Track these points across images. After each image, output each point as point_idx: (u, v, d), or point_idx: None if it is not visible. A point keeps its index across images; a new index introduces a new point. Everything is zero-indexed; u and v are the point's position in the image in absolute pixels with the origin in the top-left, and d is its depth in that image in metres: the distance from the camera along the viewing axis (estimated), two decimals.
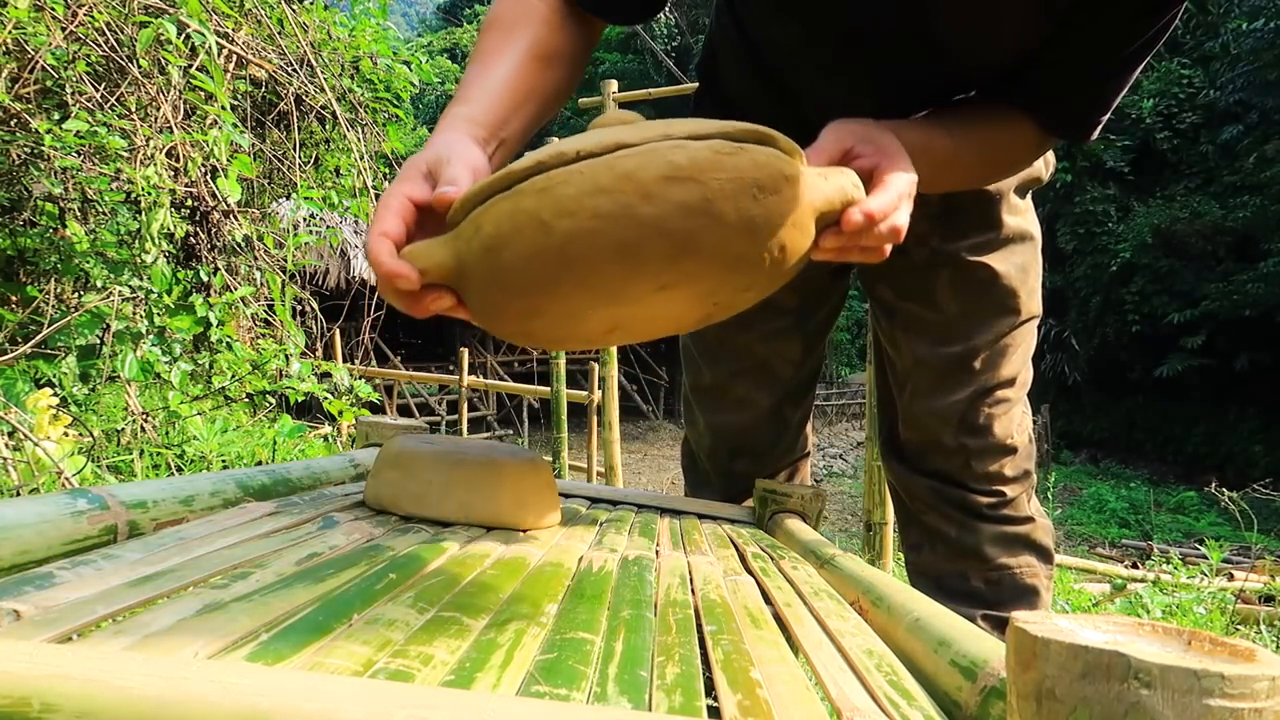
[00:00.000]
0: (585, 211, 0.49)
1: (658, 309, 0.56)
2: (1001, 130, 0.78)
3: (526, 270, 0.51)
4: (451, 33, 23.33)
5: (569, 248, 0.50)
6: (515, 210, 0.50)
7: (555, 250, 0.50)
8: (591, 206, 0.49)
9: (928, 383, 0.98)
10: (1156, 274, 10.96)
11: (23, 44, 1.83)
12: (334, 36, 2.90)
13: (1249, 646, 0.25)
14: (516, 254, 0.51)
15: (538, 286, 0.52)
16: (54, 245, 2.13)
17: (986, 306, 0.95)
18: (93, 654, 0.26)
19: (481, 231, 0.52)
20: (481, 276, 0.53)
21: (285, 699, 0.24)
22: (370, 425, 1.02)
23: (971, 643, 0.39)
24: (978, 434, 0.96)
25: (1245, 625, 2.63)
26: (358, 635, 0.37)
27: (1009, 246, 0.94)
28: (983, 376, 0.96)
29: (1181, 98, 11.41)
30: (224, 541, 0.53)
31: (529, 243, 0.50)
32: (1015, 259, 0.95)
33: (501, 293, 0.53)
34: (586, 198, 0.49)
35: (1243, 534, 5.12)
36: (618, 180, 0.48)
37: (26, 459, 1.47)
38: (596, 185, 0.49)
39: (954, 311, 0.95)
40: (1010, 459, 0.96)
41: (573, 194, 0.49)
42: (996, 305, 0.95)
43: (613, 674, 0.36)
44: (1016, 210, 0.95)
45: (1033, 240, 0.98)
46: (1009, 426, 0.96)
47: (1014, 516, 0.98)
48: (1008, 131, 0.78)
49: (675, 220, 0.49)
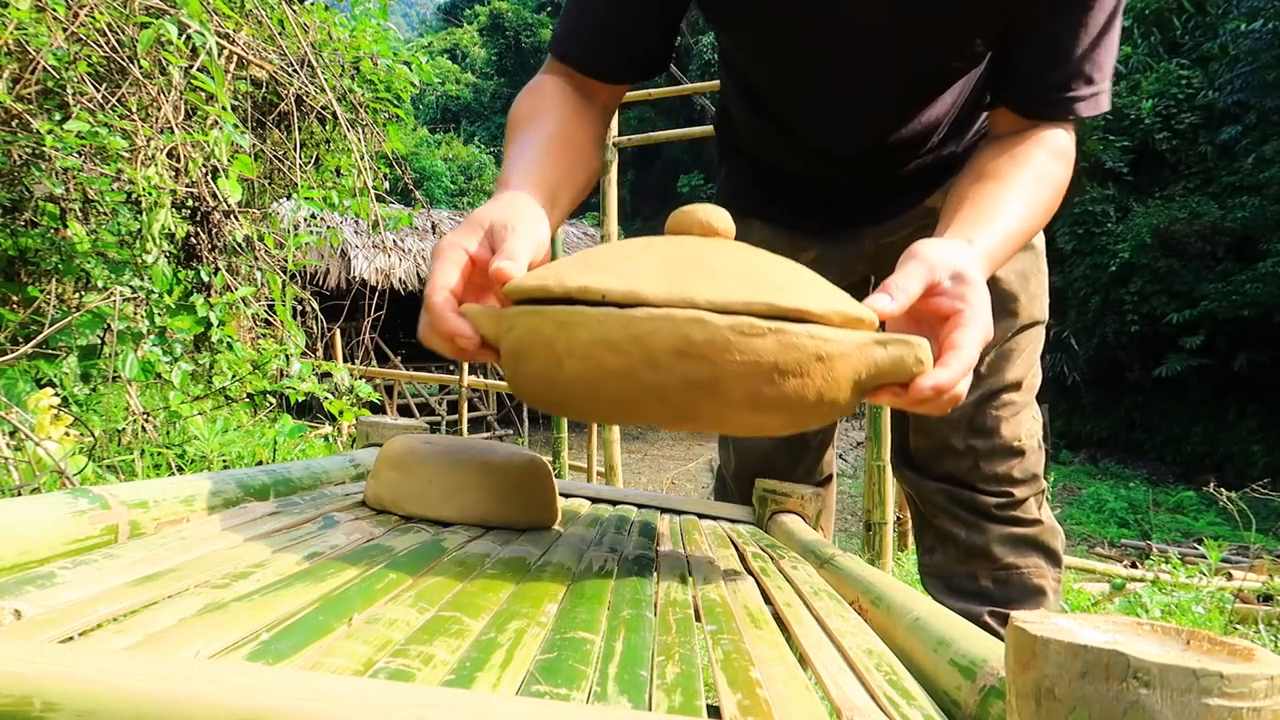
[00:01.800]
0: (592, 361, 0.49)
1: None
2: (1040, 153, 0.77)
3: (537, 388, 0.53)
4: (452, 33, 23.32)
5: (574, 387, 0.50)
6: (536, 332, 0.51)
7: (561, 384, 0.51)
8: (599, 358, 0.48)
9: None
10: (1155, 274, 10.95)
11: (24, 45, 1.83)
12: (334, 37, 2.90)
13: (1248, 646, 0.25)
14: (531, 371, 0.52)
15: (546, 402, 0.54)
16: (55, 245, 2.13)
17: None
18: (94, 653, 0.26)
19: (510, 334, 0.53)
20: (508, 367, 0.55)
21: (286, 698, 0.24)
22: (370, 425, 1.02)
23: (971, 642, 0.40)
24: (985, 436, 0.98)
25: (1244, 625, 2.63)
26: (358, 635, 0.37)
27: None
28: (989, 380, 0.98)
29: (1180, 98, 11.40)
30: (225, 541, 0.53)
31: (541, 366, 0.51)
32: (1014, 265, 0.98)
33: (519, 390, 0.55)
34: (596, 348, 0.48)
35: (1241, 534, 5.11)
36: (628, 341, 0.48)
37: (28, 459, 1.47)
38: (607, 340, 0.48)
39: None
40: (1018, 461, 0.98)
41: (585, 340, 0.49)
42: (997, 310, 0.96)
43: (613, 674, 0.36)
44: None
45: (1033, 247, 1.00)
46: (1016, 429, 0.98)
47: (1022, 518, 0.99)
48: (1045, 151, 0.78)
49: (677, 392, 0.49)
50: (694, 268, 0.50)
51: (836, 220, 1.03)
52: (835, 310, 0.50)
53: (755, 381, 0.48)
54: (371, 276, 8.00)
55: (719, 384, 0.48)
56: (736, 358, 0.47)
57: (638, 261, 0.51)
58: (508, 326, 0.53)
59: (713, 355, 0.47)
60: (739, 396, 0.48)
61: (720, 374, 0.47)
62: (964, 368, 0.55)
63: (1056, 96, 0.77)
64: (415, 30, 33.98)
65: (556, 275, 0.51)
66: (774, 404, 0.49)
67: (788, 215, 1.05)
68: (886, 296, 0.58)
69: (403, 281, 8.51)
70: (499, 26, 22.20)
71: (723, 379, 0.48)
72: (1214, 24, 11.36)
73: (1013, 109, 0.80)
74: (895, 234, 1.01)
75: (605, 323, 0.48)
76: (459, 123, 20.92)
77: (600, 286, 0.49)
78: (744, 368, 0.47)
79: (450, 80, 20.73)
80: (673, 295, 0.48)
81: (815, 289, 0.52)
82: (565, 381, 0.50)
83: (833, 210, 1.03)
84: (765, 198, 1.06)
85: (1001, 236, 0.70)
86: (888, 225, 1.01)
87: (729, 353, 0.47)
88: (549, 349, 0.50)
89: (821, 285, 0.54)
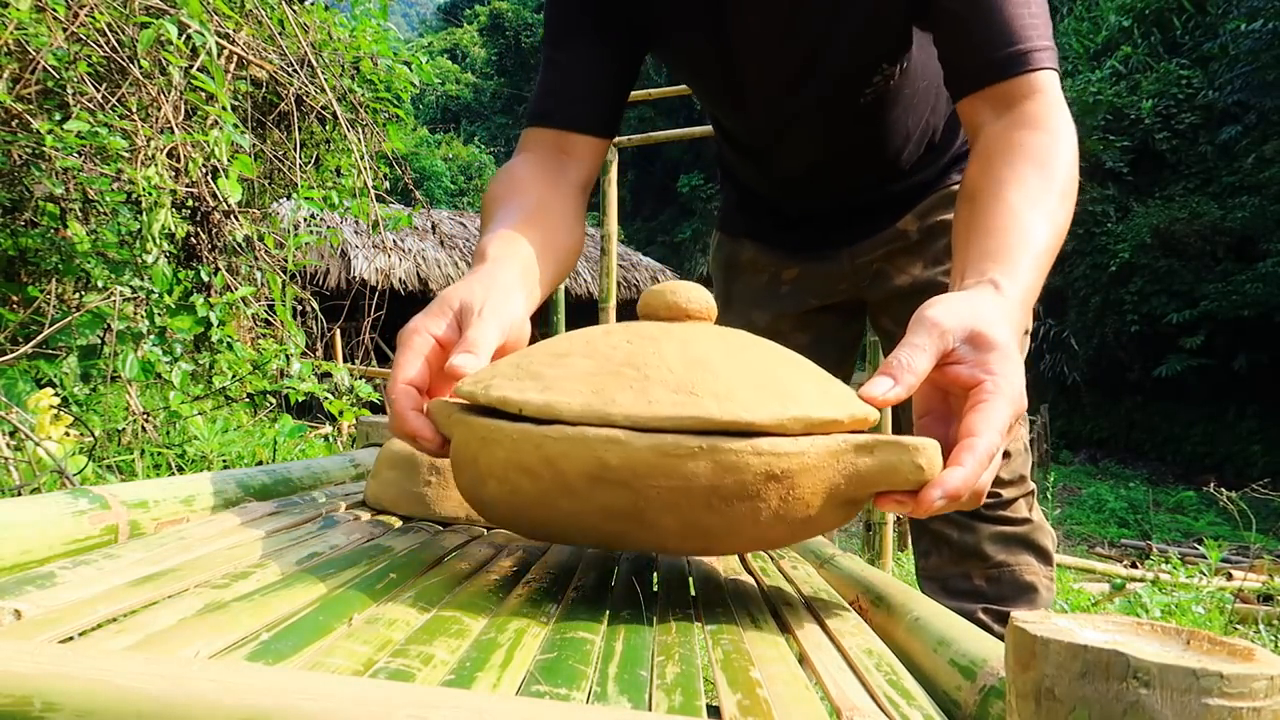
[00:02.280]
0: (509, 484, 0.44)
1: None
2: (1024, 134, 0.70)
3: (471, 502, 0.49)
4: (452, 33, 23.32)
5: (497, 508, 0.46)
6: (465, 445, 0.46)
7: (487, 503, 0.47)
8: (514, 481, 0.43)
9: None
10: (1155, 274, 10.95)
11: (24, 45, 1.83)
12: (334, 37, 2.90)
13: (1248, 646, 0.25)
14: (461, 484, 0.48)
15: (481, 514, 0.50)
16: (55, 245, 2.13)
17: None
18: (94, 653, 0.26)
19: (452, 437, 0.49)
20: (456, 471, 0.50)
21: (286, 698, 0.24)
22: (370, 425, 1.02)
23: (971, 642, 0.40)
24: None
25: (1244, 624, 2.63)
26: (358, 635, 0.37)
27: None
28: None
29: (1180, 98, 11.40)
30: (225, 541, 0.53)
31: (467, 481, 0.47)
32: None
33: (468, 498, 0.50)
34: (511, 470, 0.43)
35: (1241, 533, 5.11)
36: (540, 464, 0.42)
37: (28, 459, 1.47)
38: (520, 462, 0.42)
39: None
40: (1005, 463, 1.00)
41: (501, 459, 0.43)
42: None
43: (613, 673, 0.36)
44: None
45: None
46: None
47: (1012, 518, 1.01)
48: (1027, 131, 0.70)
49: (596, 520, 0.43)
50: (629, 372, 0.43)
51: (813, 240, 1.07)
52: (796, 416, 0.42)
53: (690, 509, 0.41)
54: (371, 276, 8.00)
55: (643, 514, 0.41)
56: (663, 483, 0.40)
57: (572, 364, 0.44)
58: (449, 432, 0.48)
59: (633, 481, 0.40)
60: (673, 526, 0.42)
61: (644, 502, 0.41)
62: (980, 462, 0.46)
63: (1001, 54, 0.72)
64: (415, 30, 33.99)
65: (488, 380, 0.46)
66: (723, 530, 0.42)
67: (771, 235, 1.09)
68: (889, 380, 0.49)
69: (403, 281, 8.51)
70: (499, 26, 22.20)
71: (647, 509, 0.41)
72: (1214, 24, 11.36)
73: (968, 88, 0.75)
74: (869, 254, 1.04)
75: (520, 441, 0.42)
76: (459, 123, 20.92)
77: (519, 398, 0.43)
78: (673, 494, 0.40)
79: (450, 80, 20.73)
80: (590, 410, 0.41)
81: (780, 387, 0.43)
82: (490, 500, 0.46)
83: (809, 230, 1.06)
84: (753, 217, 1.11)
85: (1030, 260, 0.60)
86: (862, 246, 1.04)
87: (654, 477, 0.40)
88: (474, 465, 0.45)
89: (794, 379, 0.45)
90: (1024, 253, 0.61)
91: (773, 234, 1.09)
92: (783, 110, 0.90)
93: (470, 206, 17.25)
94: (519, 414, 0.43)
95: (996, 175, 0.67)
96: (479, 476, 0.45)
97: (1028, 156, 0.67)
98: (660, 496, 0.40)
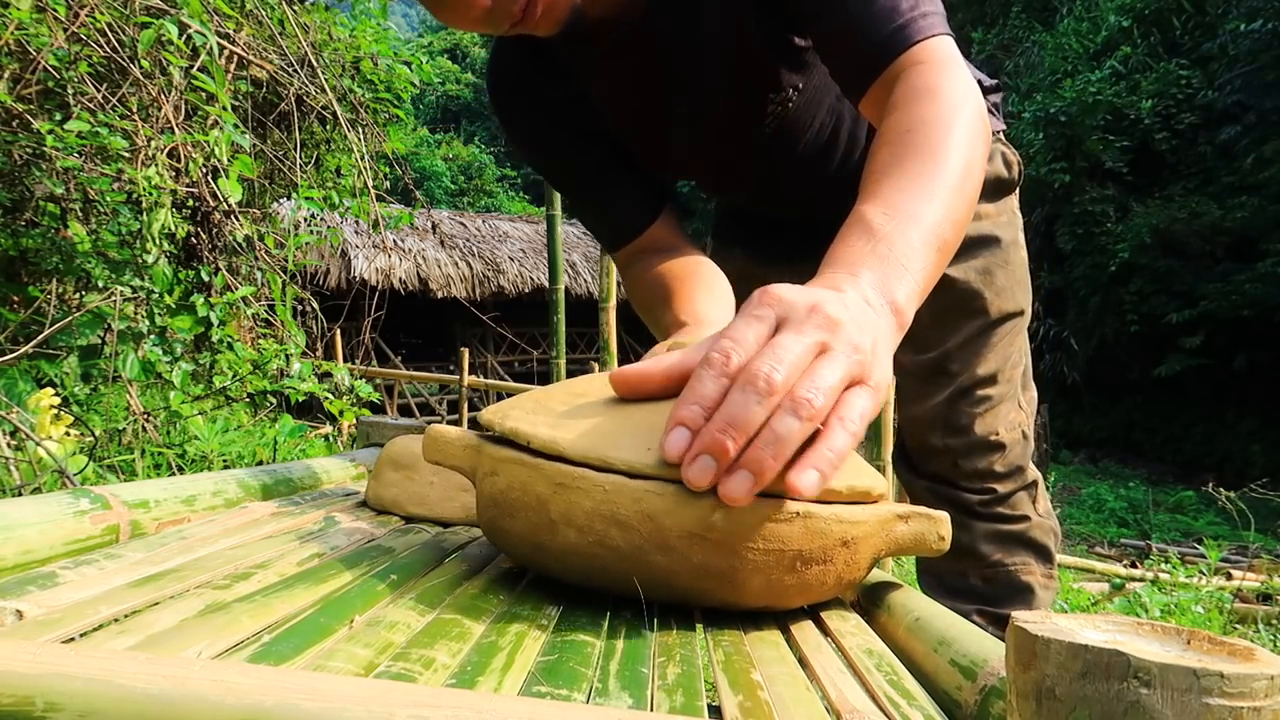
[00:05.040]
0: (594, 534, 0.42)
1: None
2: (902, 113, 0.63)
3: (523, 549, 0.47)
4: (452, 33, 23.30)
5: (567, 558, 0.45)
6: (527, 487, 0.45)
7: (554, 552, 0.45)
8: (602, 532, 0.42)
9: (912, 389, 1.03)
10: (1155, 274, 10.95)
11: (25, 45, 1.83)
12: (335, 37, 2.90)
13: (1248, 645, 0.25)
14: (518, 527, 0.46)
15: (531, 562, 0.48)
16: (56, 245, 2.13)
17: (950, 312, 0.98)
18: (96, 654, 0.26)
19: (496, 480, 0.47)
20: (483, 514, 0.49)
21: (287, 699, 0.24)
22: (371, 425, 1.02)
23: (971, 642, 0.40)
24: (960, 434, 0.99)
25: (1243, 624, 2.63)
26: (359, 637, 0.37)
27: (964, 253, 0.97)
28: (960, 377, 0.99)
29: (1180, 98, 11.40)
30: (226, 542, 0.53)
31: (529, 526, 0.45)
32: (974, 263, 0.99)
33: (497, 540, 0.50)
34: (599, 521, 0.42)
35: (1241, 533, 5.12)
36: (639, 519, 0.41)
37: (28, 459, 1.47)
38: (614, 515, 0.42)
39: (925, 320, 0.99)
40: (999, 455, 0.99)
41: (587, 509, 0.42)
42: (959, 309, 0.99)
43: (614, 673, 0.36)
44: (974, 217, 0.98)
45: (998, 242, 1.00)
46: (992, 423, 0.99)
47: (1008, 515, 1.00)
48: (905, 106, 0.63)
49: (687, 580, 0.43)
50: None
51: (794, 248, 1.07)
52: (854, 486, 0.45)
53: (777, 571, 0.43)
54: (372, 276, 8.00)
55: (735, 574, 0.42)
56: (761, 545, 0.42)
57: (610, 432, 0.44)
58: (490, 468, 0.49)
59: (733, 542, 0.41)
60: (758, 587, 0.43)
61: (739, 563, 0.42)
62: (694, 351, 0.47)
63: (876, 41, 0.67)
64: (415, 30, 33.96)
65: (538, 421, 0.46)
66: (795, 591, 0.45)
67: (758, 242, 1.11)
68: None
69: (403, 281, 8.51)
70: None
71: (740, 569, 0.42)
72: (1214, 24, 11.35)
73: (860, 89, 0.70)
74: None
75: (611, 494, 0.42)
76: (459, 123, 20.92)
77: (601, 456, 0.43)
78: (768, 557, 0.42)
79: (450, 80, 20.73)
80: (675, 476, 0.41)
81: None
82: (559, 550, 0.45)
83: (793, 237, 1.07)
84: (740, 226, 1.13)
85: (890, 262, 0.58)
86: None
87: (755, 539, 0.41)
88: (543, 510, 0.45)
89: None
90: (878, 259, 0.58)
91: (760, 241, 1.10)
92: (701, 157, 0.94)
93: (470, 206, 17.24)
94: (605, 466, 0.43)
95: (871, 186, 0.60)
96: (551, 524, 0.44)
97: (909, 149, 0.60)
98: (755, 559, 0.42)
